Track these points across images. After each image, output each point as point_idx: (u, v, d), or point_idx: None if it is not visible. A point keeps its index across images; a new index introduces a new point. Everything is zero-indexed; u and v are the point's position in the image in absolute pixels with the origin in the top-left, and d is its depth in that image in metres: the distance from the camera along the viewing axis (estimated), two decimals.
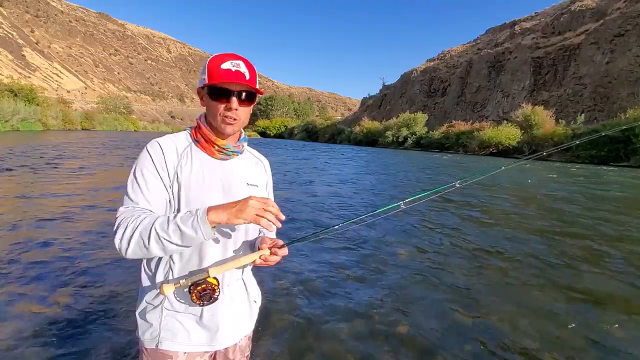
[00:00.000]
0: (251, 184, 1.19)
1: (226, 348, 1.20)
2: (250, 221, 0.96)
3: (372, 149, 43.06)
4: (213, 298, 1.03)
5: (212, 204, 1.03)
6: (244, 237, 1.18)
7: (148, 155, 1.05)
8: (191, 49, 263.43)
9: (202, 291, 1.00)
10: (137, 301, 1.14)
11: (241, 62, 1.05)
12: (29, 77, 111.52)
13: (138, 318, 1.12)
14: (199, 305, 1.03)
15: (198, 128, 1.14)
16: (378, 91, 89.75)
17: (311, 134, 78.16)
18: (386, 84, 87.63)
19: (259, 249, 1.11)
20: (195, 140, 1.13)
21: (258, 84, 1.11)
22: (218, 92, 1.04)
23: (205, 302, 1.02)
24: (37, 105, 48.55)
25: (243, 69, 1.04)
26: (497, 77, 54.27)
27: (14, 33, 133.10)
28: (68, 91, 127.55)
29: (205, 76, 1.04)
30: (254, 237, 1.23)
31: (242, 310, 1.21)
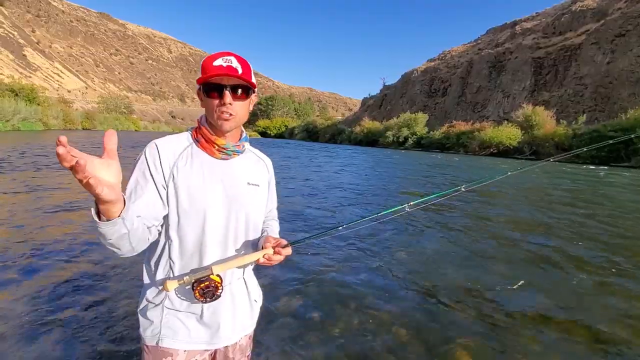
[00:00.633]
0: (252, 184, 1.19)
1: (226, 347, 1.21)
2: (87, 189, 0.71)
3: (373, 149, 43.02)
4: (216, 295, 1.04)
5: (213, 204, 1.06)
6: (244, 237, 1.18)
7: (144, 157, 1.06)
8: (192, 49, 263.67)
9: (206, 288, 1.01)
10: (139, 299, 1.16)
11: (232, 58, 1.05)
12: (30, 77, 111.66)
13: (140, 315, 1.13)
14: (202, 302, 1.04)
15: (198, 128, 1.15)
16: (378, 91, 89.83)
17: (312, 134, 78.17)
18: (387, 84, 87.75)
19: (263, 248, 1.11)
20: (195, 140, 1.14)
21: (256, 83, 1.12)
22: (211, 88, 1.04)
23: (208, 299, 1.03)
24: (38, 105, 48.62)
25: (235, 64, 1.04)
26: (498, 77, 54.24)
27: (15, 33, 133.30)
28: (69, 91, 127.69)
29: (200, 75, 1.05)
30: (256, 237, 1.22)
31: (243, 309, 1.22)
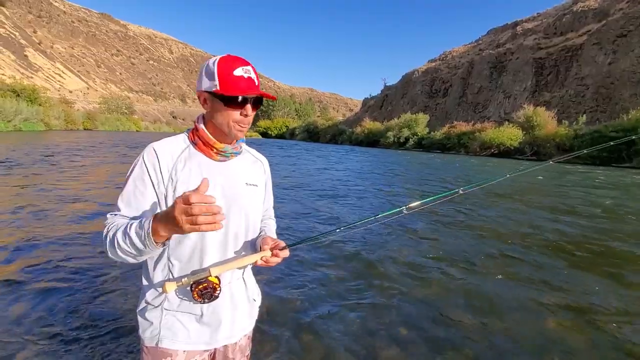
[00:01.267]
0: (250, 184, 1.20)
1: (225, 347, 1.21)
2: (190, 231, 0.85)
3: (374, 150, 42.99)
4: (214, 296, 1.05)
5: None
6: (244, 237, 1.18)
7: (142, 161, 1.06)
8: (193, 50, 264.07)
9: (204, 289, 1.02)
10: (139, 300, 1.16)
11: (250, 68, 1.05)
12: (32, 78, 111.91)
13: (139, 317, 1.14)
14: (200, 303, 1.06)
15: (195, 130, 1.14)
16: (379, 92, 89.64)
17: (312, 135, 78.16)
18: (387, 85, 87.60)
19: (260, 249, 1.12)
20: (193, 142, 1.13)
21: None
22: (234, 101, 1.03)
23: (206, 300, 1.05)
24: (40, 105, 48.77)
25: (253, 75, 1.05)
26: (499, 78, 54.16)
27: (17, 33, 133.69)
28: (70, 91, 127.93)
29: (215, 82, 1.01)
30: (254, 237, 1.23)
31: (242, 308, 1.22)
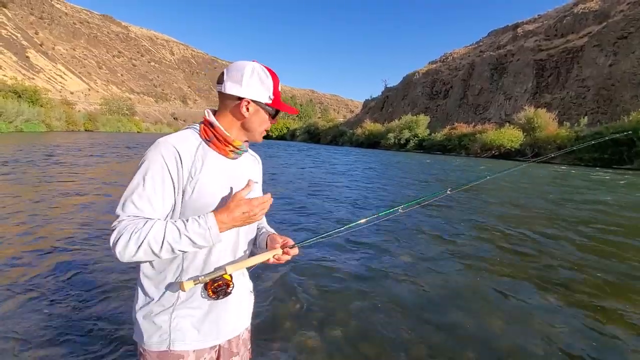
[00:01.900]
0: (254, 182, 1.21)
1: (229, 341, 1.23)
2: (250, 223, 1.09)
3: (375, 151, 43.00)
4: (227, 292, 1.08)
5: (222, 203, 1.07)
6: (252, 234, 1.25)
7: (161, 157, 0.99)
8: (194, 51, 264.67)
9: (218, 287, 1.05)
10: (138, 306, 1.11)
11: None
12: (33, 79, 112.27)
13: (142, 322, 1.08)
14: (214, 299, 1.07)
15: (210, 126, 1.10)
16: (380, 93, 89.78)
17: (313, 136, 78.20)
18: (388, 86, 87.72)
19: (268, 247, 1.18)
20: (206, 140, 1.09)
21: None
22: (278, 114, 1.16)
23: (220, 296, 1.07)
24: (41, 106, 48.91)
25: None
26: (500, 80, 54.19)
27: (18, 35, 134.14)
28: (71, 92, 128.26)
29: (270, 94, 1.11)
30: (254, 235, 1.29)
31: (245, 301, 1.27)
